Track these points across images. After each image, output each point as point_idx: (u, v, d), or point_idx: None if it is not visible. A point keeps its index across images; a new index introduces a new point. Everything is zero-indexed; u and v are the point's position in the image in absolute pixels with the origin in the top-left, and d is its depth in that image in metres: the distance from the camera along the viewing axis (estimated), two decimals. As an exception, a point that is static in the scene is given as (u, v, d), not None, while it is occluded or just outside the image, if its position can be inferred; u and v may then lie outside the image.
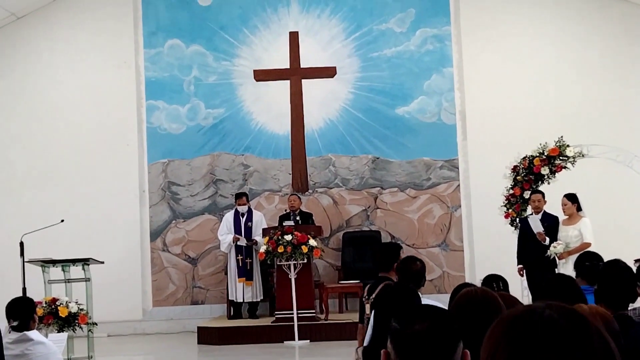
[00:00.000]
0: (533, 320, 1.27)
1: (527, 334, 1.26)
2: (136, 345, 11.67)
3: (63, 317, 8.14)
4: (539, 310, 1.29)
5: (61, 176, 12.83)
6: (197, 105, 13.12)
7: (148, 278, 12.89)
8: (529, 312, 1.29)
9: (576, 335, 1.24)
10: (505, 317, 1.32)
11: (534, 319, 1.27)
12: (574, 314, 1.28)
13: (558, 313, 1.28)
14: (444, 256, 12.81)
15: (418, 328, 1.88)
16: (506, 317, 1.32)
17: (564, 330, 1.25)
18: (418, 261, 5.36)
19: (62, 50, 13.12)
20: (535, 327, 1.26)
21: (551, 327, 1.25)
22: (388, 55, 13.08)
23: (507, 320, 1.30)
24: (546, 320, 1.27)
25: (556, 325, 1.25)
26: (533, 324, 1.26)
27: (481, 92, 12.83)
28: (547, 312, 1.28)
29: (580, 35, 12.90)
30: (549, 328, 1.25)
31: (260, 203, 12.89)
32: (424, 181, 12.95)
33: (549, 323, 1.26)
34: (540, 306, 1.30)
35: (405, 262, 5.41)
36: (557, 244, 9.47)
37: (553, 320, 1.26)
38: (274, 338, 10.68)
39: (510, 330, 1.28)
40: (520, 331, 1.26)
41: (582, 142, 10.69)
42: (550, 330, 1.25)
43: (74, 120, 12.94)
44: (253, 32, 13.17)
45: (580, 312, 1.30)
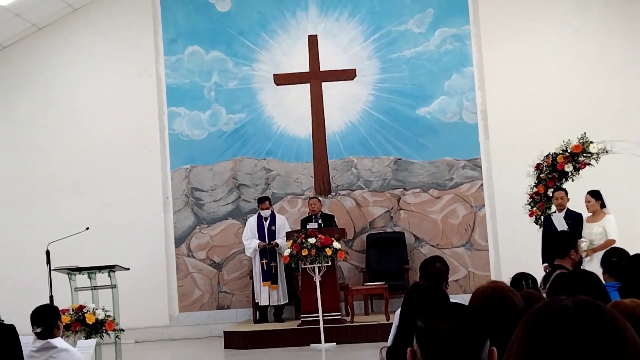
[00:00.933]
0: (559, 317, 1.27)
1: (556, 331, 1.26)
2: (163, 351, 11.73)
3: (90, 324, 8.20)
4: (565, 306, 1.28)
5: (85, 184, 12.93)
6: (218, 110, 13.17)
7: (174, 284, 12.95)
8: (557, 309, 1.29)
9: (606, 331, 1.24)
10: (534, 313, 1.32)
11: (562, 315, 1.27)
12: (602, 308, 1.28)
13: (584, 309, 1.28)
14: (469, 256, 12.77)
15: (444, 327, 1.87)
16: (534, 313, 1.32)
17: (593, 327, 1.25)
18: (438, 262, 5.30)
19: (83, 59, 13.23)
20: (563, 323, 1.26)
21: (579, 323, 1.25)
22: (407, 56, 13.06)
23: (535, 317, 1.30)
24: (572, 316, 1.26)
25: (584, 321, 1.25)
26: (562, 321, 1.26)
27: (502, 91, 12.78)
28: (573, 308, 1.28)
29: (601, 31, 12.81)
30: (577, 324, 1.25)
31: (283, 207, 12.92)
32: (447, 181, 12.92)
33: (576, 319, 1.26)
34: (567, 302, 1.30)
35: (425, 263, 5.37)
36: (581, 242, 9.41)
37: (579, 316, 1.26)
38: (300, 341, 10.69)
39: (539, 328, 1.28)
40: (550, 328, 1.26)
41: (605, 139, 10.61)
42: (577, 326, 1.25)
43: (96, 128, 13.04)
44: (272, 37, 13.21)
45: (607, 308, 1.29)
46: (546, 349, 1.25)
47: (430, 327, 1.88)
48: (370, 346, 9.51)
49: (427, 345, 1.87)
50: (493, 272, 12.50)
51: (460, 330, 1.86)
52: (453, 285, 12.40)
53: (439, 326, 1.88)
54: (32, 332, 5.56)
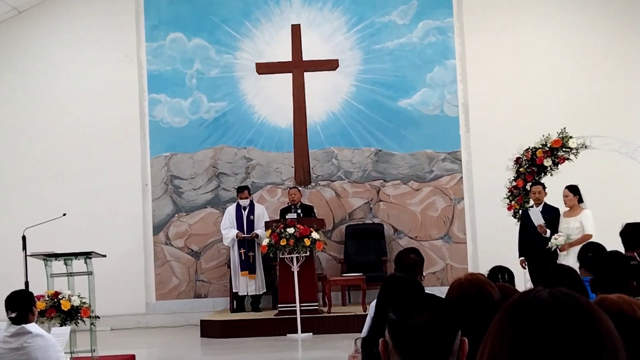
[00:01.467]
0: (536, 308, 1.26)
1: (530, 321, 1.25)
2: (139, 339, 11.68)
3: (65, 311, 8.14)
4: (542, 297, 1.28)
5: (63, 170, 12.83)
6: (199, 98, 13.11)
7: (151, 272, 12.90)
8: (532, 300, 1.28)
9: (581, 322, 1.24)
10: (509, 304, 1.31)
11: (537, 306, 1.26)
12: (578, 300, 1.28)
13: (560, 300, 1.27)
14: (447, 249, 12.80)
15: (416, 320, 1.87)
16: (510, 303, 1.31)
17: (568, 317, 1.24)
18: (412, 253, 5.30)
19: (64, 44, 13.12)
20: (538, 313, 1.25)
21: (554, 313, 1.24)
22: (390, 48, 13.05)
23: (510, 307, 1.30)
24: (549, 306, 1.26)
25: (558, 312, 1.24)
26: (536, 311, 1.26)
27: (484, 84, 12.80)
28: (550, 299, 1.27)
29: (583, 27, 12.85)
30: (552, 314, 1.24)
31: (262, 196, 12.89)
32: (427, 174, 12.94)
33: (551, 309, 1.25)
34: (543, 293, 1.29)
35: (400, 254, 5.37)
36: (558, 236, 9.46)
37: (556, 307, 1.25)
38: (277, 331, 10.70)
39: (514, 317, 1.27)
40: (524, 318, 1.26)
41: (585, 134, 10.67)
42: (554, 318, 1.24)
43: (76, 114, 12.94)
44: (255, 25, 13.15)
45: (583, 299, 1.29)
46: (520, 339, 1.24)
47: (402, 319, 1.87)
48: (346, 337, 9.51)
49: (398, 337, 1.86)
50: (471, 265, 12.55)
51: (431, 322, 1.85)
52: (431, 277, 12.45)
53: (411, 318, 1.86)
54: (7, 317, 5.52)
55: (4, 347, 5.44)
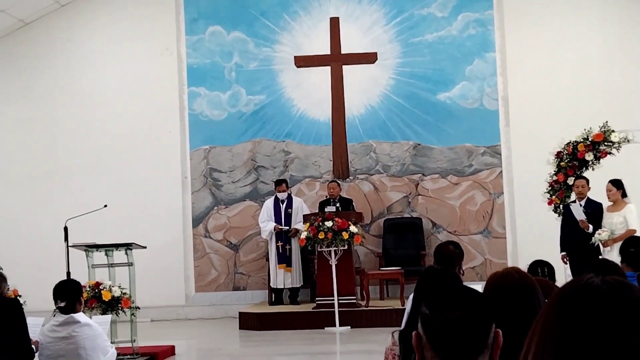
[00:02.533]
0: (589, 294, 1.24)
1: (583, 307, 1.23)
2: (179, 330, 11.79)
3: (106, 301, 8.24)
4: (595, 284, 1.26)
5: (105, 162, 12.97)
6: (238, 91, 13.15)
7: (190, 264, 12.99)
8: (585, 286, 1.26)
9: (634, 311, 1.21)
10: (561, 290, 1.29)
11: (590, 292, 1.24)
12: (631, 288, 1.25)
13: (614, 287, 1.25)
14: (486, 243, 12.71)
15: (450, 315, 1.83)
16: (562, 289, 1.29)
17: (621, 305, 1.22)
18: (452, 245, 5.34)
19: (104, 37, 13.24)
20: (591, 300, 1.23)
21: (607, 301, 1.22)
22: (429, 41, 12.97)
23: (562, 293, 1.28)
24: (602, 293, 1.24)
25: (611, 299, 1.22)
26: (589, 298, 1.24)
27: (524, 77, 12.66)
28: (603, 286, 1.25)
29: (625, 18, 12.64)
30: (605, 301, 1.22)
31: (301, 189, 12.91)
32: (466, 168, 12.84)
33: (604, 296, 1.23)
34: (595, 280, 1.27)
35: (440, 246, 5.44)
36: (601, 231, 9.32)
37: (607, 294, 1.23)
38: (314, 324, 10.71)
39: (566, 305, 1.25)
40: (576, 304, 1.24)
41: (627, 127, 10.50)
42: (607, 305, 1.22)
43: (116, 107, 13.06)
44: (293, 18, 13.15)
45: (636, 288, 1.26)
46: (572, 325, 1.22)
47: (435, 315, 1.84)
48: (384, 331, 9.46)
49: (431, 332, 1.83)
50: (510, 260, 12.44)
51: (465, 318, 1.82)
52: (470, 272, 12.36)
53: (444, 314, 1.83)
54: (55, 306, 5.59)
55: (52, 335, 5.51)
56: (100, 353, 5.58)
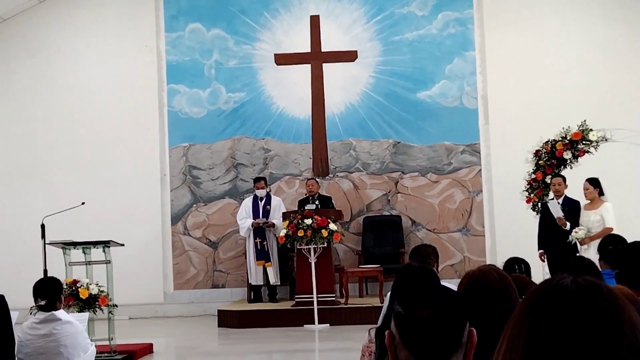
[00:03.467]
0: (559, 294, 1.24)
1: (551, 307, 1.23)
2: (157, 328, 11.73)
3: (83, 299, 8.18)
4: (565, 284, 1.26)
5: (83, 159, 12.89)
6: (217, 89, 13.12)
7: (169, 261, 12.94)
8: (555, 286, 1.26)
9: (603, 311, 1.22)
10: (533, 290, 1.30)
11: (559, 292, 1.25)
12: (601, 288, 1.25)
13: (584, 286, 1.25)
14: (465, 241, 12.75)
15: (423, 314, 1.80)
16: (533, 290, 1.30)
17: (590, 305, 1.22)
18: (430, 247, 5.44)
19: (83, 33, 13.16)
20: (560, 300, 1.24)
21: (576, 300, 1.23)
22: (409, 39, 12.99)
23: (533, 293, 1.28)
24: (572, 293, 1.24)
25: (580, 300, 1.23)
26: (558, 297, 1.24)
27: (503, 76, 12.72)
28: (573, 286, 1.25)
29: (604, 16, 12.73)
30: (574, 301, 1.23)
31: (280, 187, 12.89)
32: (445, 166, 12.88)
33: (573, 296, 1.23)
34: (566, 280, 1.27)
35: (417, 246, 5.52)
36: (578, 229, 9.39)
37: (579, 294, 1.23)
38: (294, 322, 10.70)
39: (535, 304, 1.25)
40: (545, 304, 1.24)
41: (605, 127, 10.57)
42: (576, 305, 1.22)
43: (95, 103, 12.98)
44: (274, 16, 13.13)
45: (606, 288, 1.27)
46: (540, 325, 1.22)
47: (408, 313, 1.82)
48: (363, 328, 9.44)
49: (405, 331, 1.81)
50: (489, 258, 12.49)
51: (438, 316, 1.79)
52: (448, 270, 12.41)
53: (417, 312, 1.81)
54: (35, 304, 5.56)
55: (32, 333, 5.47)
56: (81, 351, 5.55)
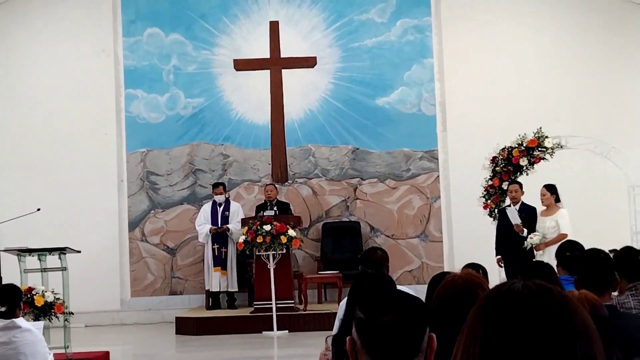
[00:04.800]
0: (510, 299, 1.26)
1: (503, 312, 1.24)
2: (114, 336, 11.60)
3: (39, 307, 8.07)
4: (516, 289, 1.27)
5: (38, 165, 12.71)
6: (176, 94, 13.04)
7: (126, 268, 12.81)
8: (506, 291, 1.28)
9: (555, 314, 1.23)
10: (485, 295, 1.31)
11: (511, 297, 1.26)
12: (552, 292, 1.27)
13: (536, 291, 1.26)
14: (423, 247, 12.83)
15: (383, 319, 1.84)
16: (485, 295, 1.31)
17: (542, 309, 1.23)
18: (379, 250, 5.47)
19: (40, 38, 12.98)
20: (511, 304, 1.25)
21: (527, 305, 1.24)
22: (368, 46, 13.05)
23: (485, 299, 1.29)
24: (523, 298, 1.25)
25: (531, 304, 1.24)
26: (510, 302, 1.25)
27: (461, 83, 12.84)
28: (524, 291, 1.26)
29: (561, 26, 12.93)
30: (525, 306, 1.24)
31: (239, 193, 12.85)
32: (404, 172, 12.95)
33: (525, 301, 1.25)
34: (517, 285, 1.28)
35: (367, 252, 5.56)
36: (534, 235, 9.51)
37: (530, 298, 1.25)
38: (252, 328, 10.66)
39: (488, 309, 1.26)
40: (498, 309, 1.25)
41: (561, 134, 10.73)
42: (527, 309, 1.24)
43: (52, 108, 12.82)
44: (233, 21, 13.10)
45: (557, 291, 1.28)
46: (493, 330, 1.24)
47: (369, 318, 1.85)
48: (322, 334, 9.44)
49: (366, 336, 1.84)
50: (447, 264, 12.58)
51: (399, 321, 1.83)
52: (407, 275, 12.48)
53: (378, 317, 1.84)
54: None
55: None
56: (40, 359, 5.47)
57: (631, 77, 12.77)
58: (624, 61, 12.82)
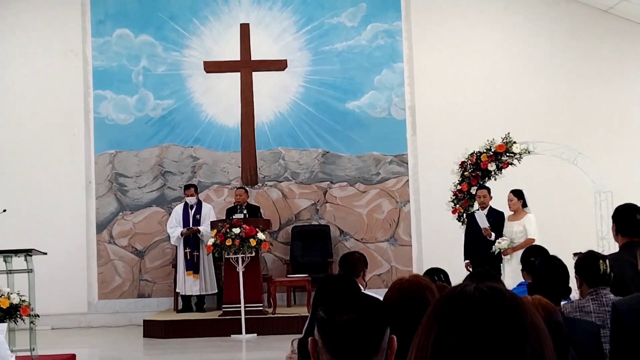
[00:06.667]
0: (462, 301, 1.28)
1: (455, 314, 1.26)
2: (81, 338, 11.50)
3: (4, 309, 7.96)
4: (468, 291, 1.29)
5: (5, 165, 12.57)
6: (145, 95, 12.96)
7: (94, 270, 12.71)
8: (459, 293, 1.30)
9: (505, 315, 1.25)
10: (438, 298, 1.34)
11: (463, 299, 1.28)
12: (504, 293, 1.29)
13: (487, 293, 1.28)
14: (393, 251, 12.87)
15: (344, 317, 1.89)
16: (438, 298, 1.33)
17: (493, 310, 1.25)
18: (357, 253, 5.66)
19: (7, 37, 12.85)
20: (464, 306, 1.27)
21: (479, 306, 1.26)
22: (339, 49, 13.08)
23: (438, 301, 1.31)
24: (475, 299, 1.27)
25: (483, 306, 1.26)
26: (462, 304, 1.27)
27: (431, 88, 12.91)
28: (476, 293, 1.28)
29: (529, 33, 13.05)
30: (477, 307, 1.26)
31: (209, 196, 12.81)
32: (374, 176, 12.99)
33: (477, 302, 1.27)
34: (469, 287, 1.31)
35: (345, 254, 5.73)
36: (501, 240, 9.58)
37: (482, 300, 1.27)
38: (221, 331, 10.63)
39: (441, 311, 1.28)
40: (450, 311, 1.27)
41: (529, 139, 10.83)
42: (479, 311, 1.25)
43: (18, 108, 12.68)
44: (203, 23, 13.06)
45: (509, 293, 1.30)
46: (445, 332, 1.26)
47: (331, 317, 1.89)
48: (291, 338, 9.48)
49: (327, 335, 1.89)
50: (415, 267, 12.62)
51: (359, 320, 1.89)
52: (376, 279, 12.51)
53: (339, 316, 1.89)
54: None
55: None
56: (1, 362, 5.40)
57: (598, 83, 12.92)
58: (591, 68, 12.97)
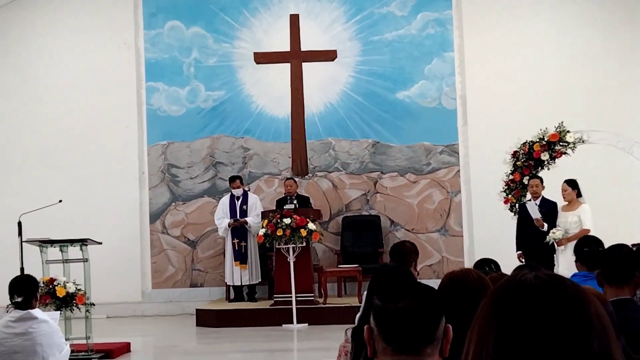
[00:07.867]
0: (522, 290, 1.27)
1: (516, 303, 1.25)
2: (135, 327, 11.67)
3: (60, 298, 8.13)
4: (528, 280, 1.28)
5: (60, 157, 12.80)
6: (197, 87, 13.07)
7: (147, 260, 12.89)
8: (518, 282, 1.28)
9: (568, 304, 1.24)
10: (496, 287, 1.32)
11: (523, 288, 1.27)
12: (564, 281, 1.28)
13: (548, 281, 1.27)
14: (443, 241, 12.80)
15: (400, 305, 1.90)
16: (497, 287, 1.32)
17: (555, 299, 1.24)
18: (407, 242, 5.61)
19: (61, 31, 13.06)
20: (524, 295, 1.26)
21: (540, 295, 1.25)
22: (389, 39, 13.02)
23: (497, 291, 1.30)
24: (535, 288, 1.26)
25: (543, 294, 1.25)
26: (522, 293, 1.26)
27: (482, 77, 12.78)
28: (536, 282, 1.27)
29: (582, 20, 12.83)
30: (538, 296, 1.25)
31: (259, 186, 12.88)
32: (424, 166, 12.93)
33: (537, 291, 1.26)
34: (528, 276, 1.29)
35: (396, 243, 5.67)
36: (556, 230, 9.45)
37: (541, 289, 1.26)
38: (272, 321, 10.69)
39: (501, 301, 1.27)
40: (510, 300, 1.26)
41: (583, 128, 10.66)
42: (540, 300, 1.24)
43: (73, 101, 12.89)
44: (253, 14, 13.11)
45: (570, 281, 1.29)
46: (507, 321, 1.24)
47: (387, 305, 1.89)
48: (341, 328, 9.45)
49: (382, 323, 1.90)
50: (467, 258, 12.55)
51: (415, 308, 1.90)
52: (427, 270, 12.46)
53: (395, 304, 1.90)
54: (11, 301, 5.49)
55: (6, 331, 5.40)
56: (56, 350, 5.50)
57: (654, 71, 12.65)
58: (647, 55, 12.70)
